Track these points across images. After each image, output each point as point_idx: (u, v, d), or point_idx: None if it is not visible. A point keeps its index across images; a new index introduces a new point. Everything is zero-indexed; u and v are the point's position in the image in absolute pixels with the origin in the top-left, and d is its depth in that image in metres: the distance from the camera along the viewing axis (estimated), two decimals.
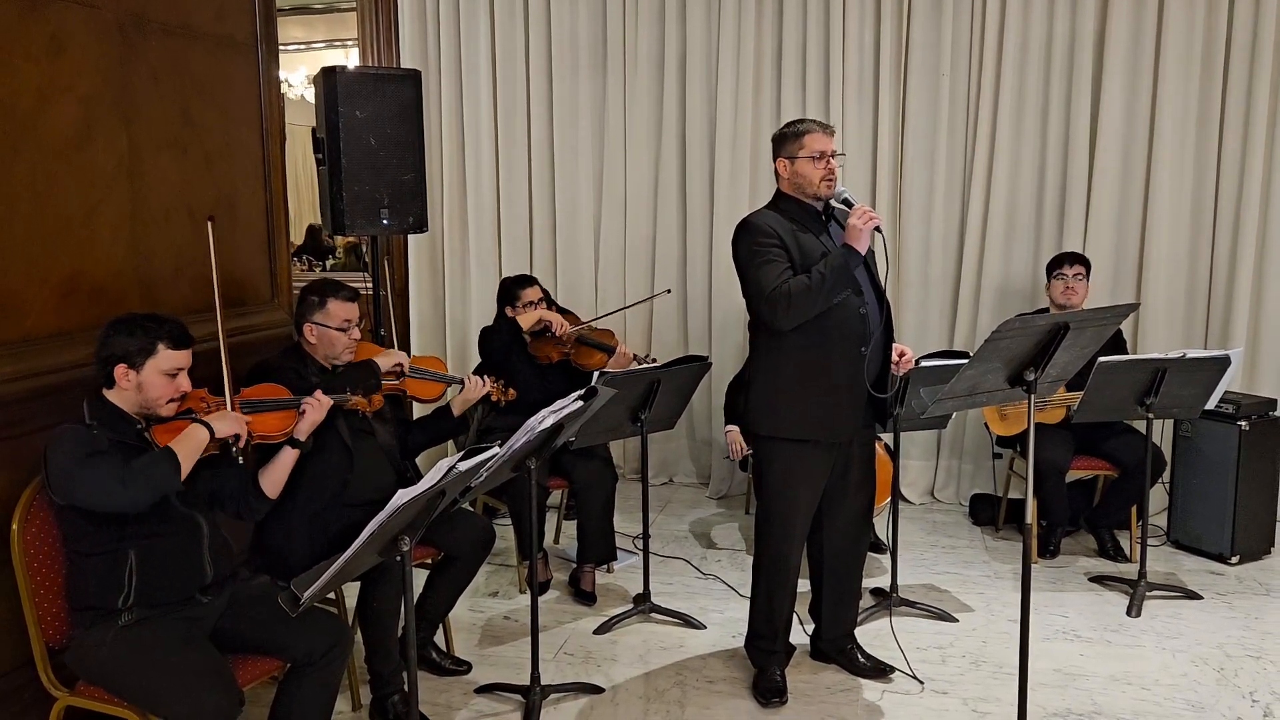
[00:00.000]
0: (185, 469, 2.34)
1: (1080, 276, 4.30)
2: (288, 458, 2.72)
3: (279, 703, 2.52)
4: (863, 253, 2.87)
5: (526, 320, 3.99)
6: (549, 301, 4.40)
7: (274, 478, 2.71)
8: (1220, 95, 4.62)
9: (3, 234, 2.61)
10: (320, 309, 3.05)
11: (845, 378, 2.95)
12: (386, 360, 3.23)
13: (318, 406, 2.76)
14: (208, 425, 2.44)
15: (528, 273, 4.52)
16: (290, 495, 2.88)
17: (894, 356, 3.05)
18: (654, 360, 4.17)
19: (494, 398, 3.46)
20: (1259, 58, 4.52)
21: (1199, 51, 4.60)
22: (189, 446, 2.38)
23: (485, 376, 3.47)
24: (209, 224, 2.76)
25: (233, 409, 2.59)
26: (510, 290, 4.16)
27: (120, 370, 2.41)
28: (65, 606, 2.44)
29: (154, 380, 2.42)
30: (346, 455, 3.03)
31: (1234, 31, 4.57)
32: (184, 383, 2.48)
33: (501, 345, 3.96)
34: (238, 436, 2.50)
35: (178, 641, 2.35)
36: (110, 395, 2.44)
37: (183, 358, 2.47)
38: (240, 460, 2.52)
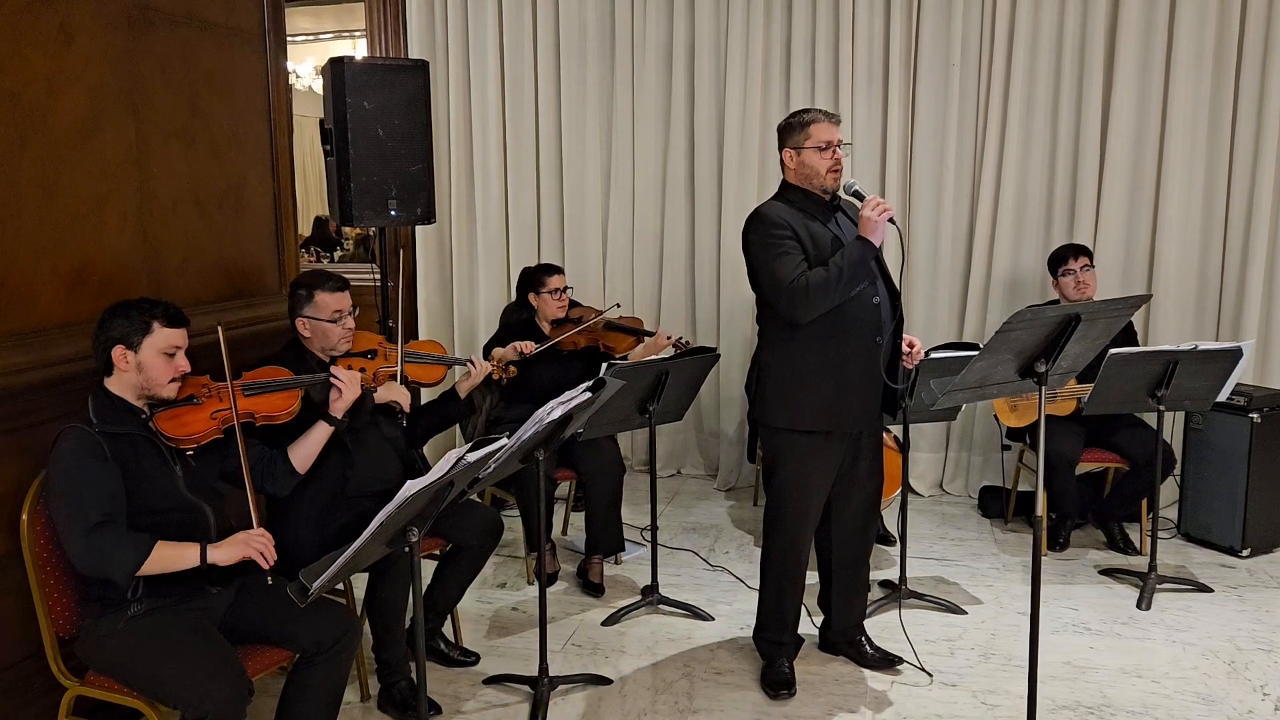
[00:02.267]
0: (146, 571, 2.31)
1: (1087, 267, 4.25)
2: (320, 433, 2.75)
3: (288, 693, 2.52)
4: (878, 244, 2.86)
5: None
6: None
7: (305, 452, 2.74)
8: (1233, 87, 4.58)
9: (12, 224, 2.61)
10: (309, 302, 3.03)
11: (860, 368, 2.95)
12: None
13: (351, 383, 2.80)
14: (203, 552, 2.37)
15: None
16: (297, 490, 2.89)
17: (904, 348, 3.05)
18: (687, 343, 4.16)
19: (495, 375, 3.44)
20: (1272, 48, 4.47)
21: (1211, 43, 4.56)
22: (166, 559, 2.33)
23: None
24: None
25: (235, 395, 2.59)
26: (534, 276, 4.15)
27: (118, 352, 2.42)
28: (75, 597, 2.45)
29: (152, 360, 2.43)
30: (344, 450, 3.03)
31: (1247, 23, 4.52)
32: (182, 362, 2.49)
33: (518, 339, 3.93)
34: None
35: (187, 632, 2.35)
36: (111, 385, 2.45)
37: (178, 336, 2.48)
38: (269, 581, 2.44)
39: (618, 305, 4.63)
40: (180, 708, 2.23)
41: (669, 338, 4.20)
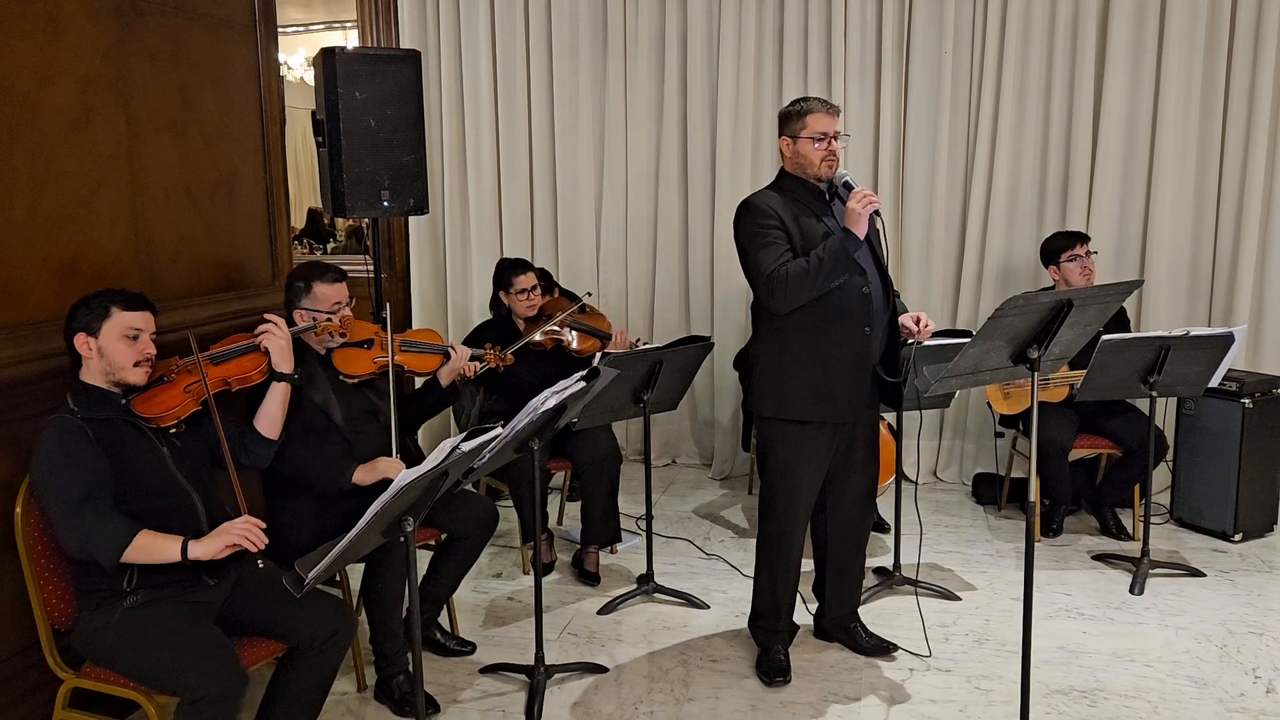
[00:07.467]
0: (129, 558, 2.29)
1: (1091, 253, 4.27)
2: (278, 393, 2.71)
3: (275, 682, 2.53)
4: (861, 236, 2.85)
5: (522, 309, 3.94)
6: (548, 285, 4.38)
7: (269, 416, 2.70)
8: (1224, 73, 4.58)
9: (2, 217, 2.59)
10: (307, 294, 3.03)
11: (848, 358, 2.95)
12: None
13: (275, 332, 2.73)
14: (184, 549, 2.31)
15: (524, 258, 4.48)
16: (300, 481, 2.89)
17: (913, 326, 3.02)
18: (645, 345, 4.14)
19: (493, 364, 3.44)
20: (1263, 34, 4.48)
21: (1203, 29, 4.56)
22: (149, 549, 2.30)
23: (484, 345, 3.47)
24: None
25: (202, 365, 2.59)
26: (503, 275, 4.14)
27: (80, 340, 2.42)
28: (70, 589, 2.45)
29: (113, 344, 2.42)
30: (346, 444, 3.02)
31: (1238, 9, 4.53)
32: (147, 346, 2.47)
33: (492, 338, 3.91)
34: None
35: (183, 623, 2.36)
36: (84, 376, 2.46)
37: (138, 318, 2.46)
38: (260, 565, 2.41)
39: (589, 294, 4.60)
40: (178, 692, 2.24)
41: (633, 342, 4.20)
